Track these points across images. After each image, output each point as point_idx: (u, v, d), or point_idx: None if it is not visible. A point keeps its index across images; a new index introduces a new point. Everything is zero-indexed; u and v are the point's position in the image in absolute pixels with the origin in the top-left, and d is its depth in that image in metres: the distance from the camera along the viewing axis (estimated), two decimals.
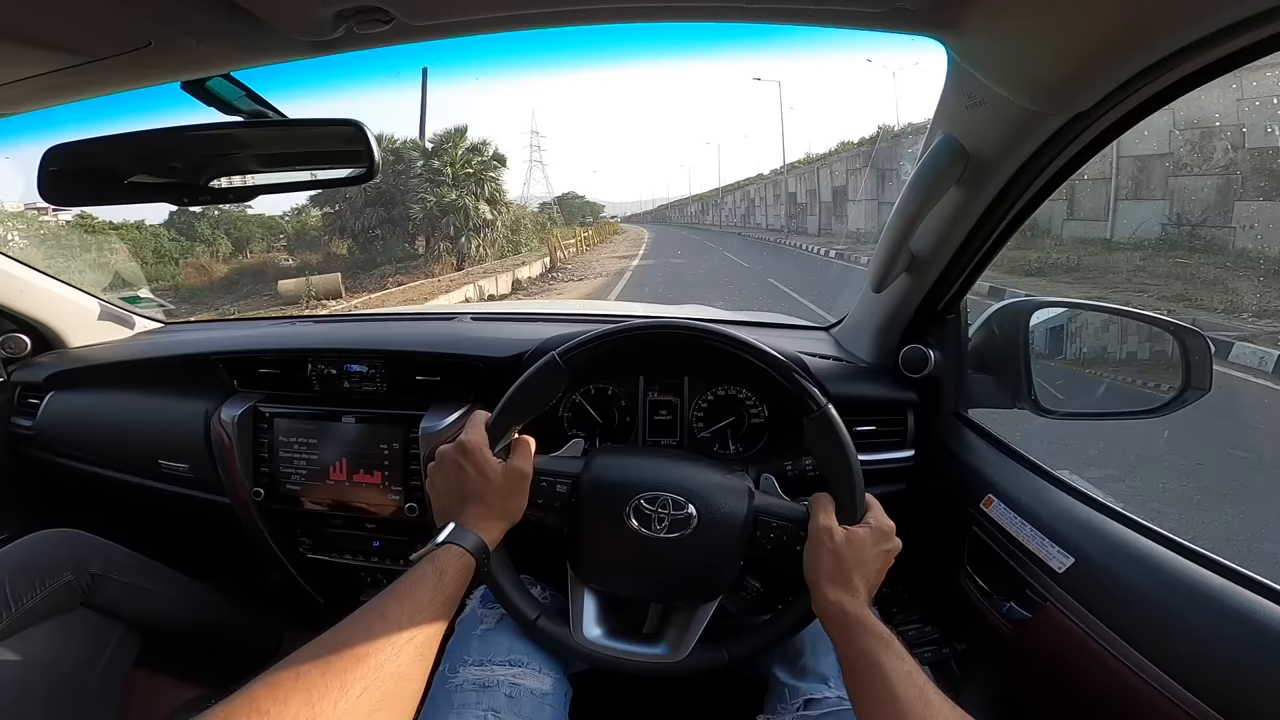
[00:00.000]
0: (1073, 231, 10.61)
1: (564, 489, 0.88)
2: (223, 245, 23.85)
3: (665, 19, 0.71)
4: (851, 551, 0.80)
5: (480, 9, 0.66)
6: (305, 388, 1.36)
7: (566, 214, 52.98)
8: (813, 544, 0.82)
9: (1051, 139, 0.76)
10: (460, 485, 0.82)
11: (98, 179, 0.90)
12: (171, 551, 1.40)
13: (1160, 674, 0.71)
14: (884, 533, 0.83)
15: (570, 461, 0.92)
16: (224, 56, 0.72)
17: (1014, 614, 0.93)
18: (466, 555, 0.75)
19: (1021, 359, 1.11)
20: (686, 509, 0.85)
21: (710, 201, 63.94)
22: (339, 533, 1.37)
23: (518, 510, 0.84)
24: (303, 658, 0.59)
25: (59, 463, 1.54)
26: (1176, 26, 0.55)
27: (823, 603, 0.78)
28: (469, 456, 0.82)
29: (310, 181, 0.99)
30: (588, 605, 0.89)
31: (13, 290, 1.52)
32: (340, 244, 22.35)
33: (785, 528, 0.86)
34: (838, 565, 0.79)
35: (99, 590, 1.16)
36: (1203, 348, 1.01)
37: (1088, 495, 0.93)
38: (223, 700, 0.52)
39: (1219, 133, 8.57)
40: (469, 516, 0.80)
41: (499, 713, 0.81)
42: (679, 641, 0.87)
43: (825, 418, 0.86)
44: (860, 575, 0.79)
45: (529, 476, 0.85)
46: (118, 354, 1.61)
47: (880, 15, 0.64)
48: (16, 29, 0.62)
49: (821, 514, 0.83)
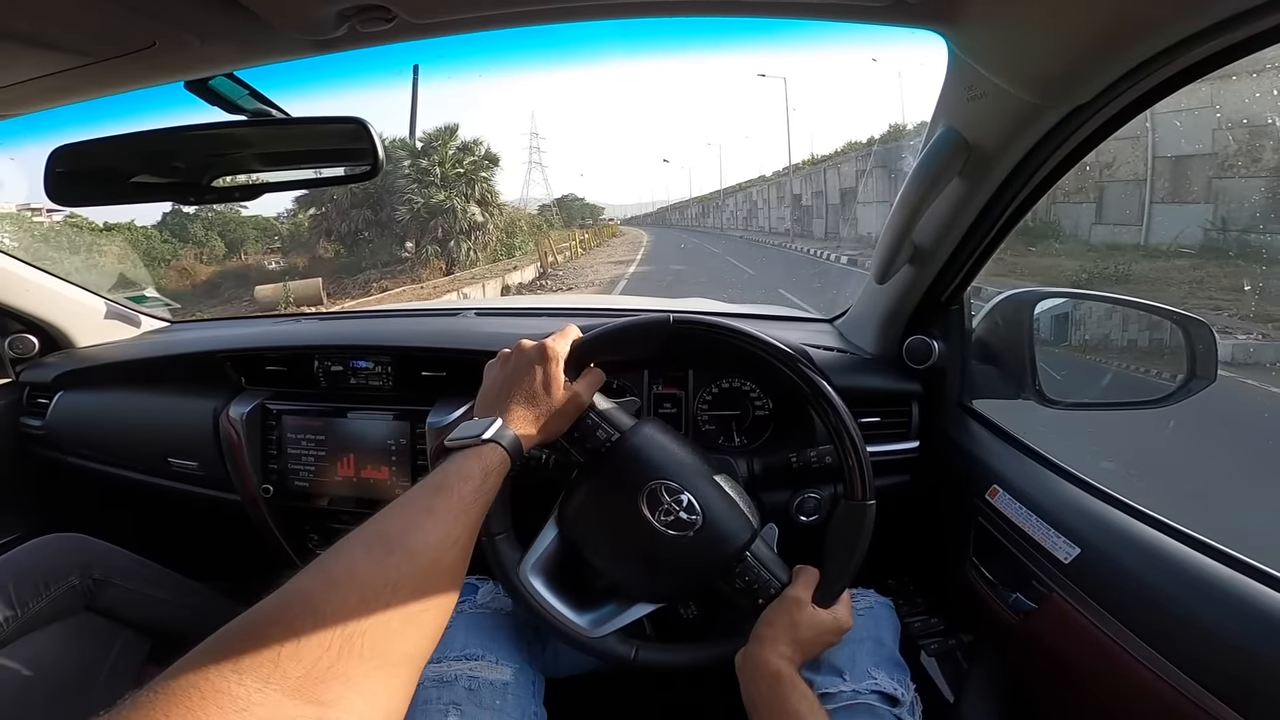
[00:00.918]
0: (1101, 236, 10.21)
1: (603, 436, 0.88)
2: (216, 247, 23.55)
3: (668, 14, 0.71)
4: (807, 627, 0.82)
5: (482, 6, 0.66)
6: (312, 384, 1.37)
7: (566, 216, 52.62)
8: (779, 606, 0.84)
9: (1052, 131, 0.76)
10: (522, 384, 0.81)
11: (103, 179, 0.91)
12: (179, 551, 1.41)
13: (1167, 664, 0.71)
14: (842, 629, 0.85)
15: (624, 416, 0.92)
16: (227, 56, 0.72)
17: (1019, 604, 0.94)
18: (507, 458, 0.73)
19: (1026, 349, 1.11)
20: (695, 516, 0.86)
21: (712, 204, 63.60)
22: (347, 529, 1.37)
23: (557, 432, 0.84)
24: (353, 550, 0.57)
25: (69, 462, 1.55)
26: (1177, 18, 0.55)
27: (759, 657, 0.80)
28: (546, 362, 0.82)
29: (314, 180, 1.00)
30: (545, 546, 0.89)
31: (20, 290, 1.53)
32: (328, 246, 21.91)
33: (763, 579, 0.87)
34: (792, 633, 0.81)
35: (103, 595, 1.17)
36: (1207, 337, 1.00)
37: (1094, 485, 0.93)
38: (274, 592, 0.50)
39: (1271, 131, 8.03)
40: (516, 417, 0.78)
41: (460, 705, 0.81)
42: (602, 621, 0.88)
43: (863, 510, 0.86)
44: (802, 648, 0.82)
45: (585, 407, 0.86)
46: (125, 353, 1.62)
47: (881, 9, 0.64)
48: (20, 31, 0.62)
49: (801, 585, 0.85)
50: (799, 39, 23.11)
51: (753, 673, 0.80)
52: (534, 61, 67.13)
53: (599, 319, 1.03)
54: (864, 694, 0.84)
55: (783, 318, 1.62)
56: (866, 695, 0.84)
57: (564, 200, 63.63)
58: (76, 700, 1.04)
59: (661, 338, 0.91)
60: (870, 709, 0.83)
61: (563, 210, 55.72)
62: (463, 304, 1.73)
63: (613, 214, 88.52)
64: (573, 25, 0.73)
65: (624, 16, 0.72)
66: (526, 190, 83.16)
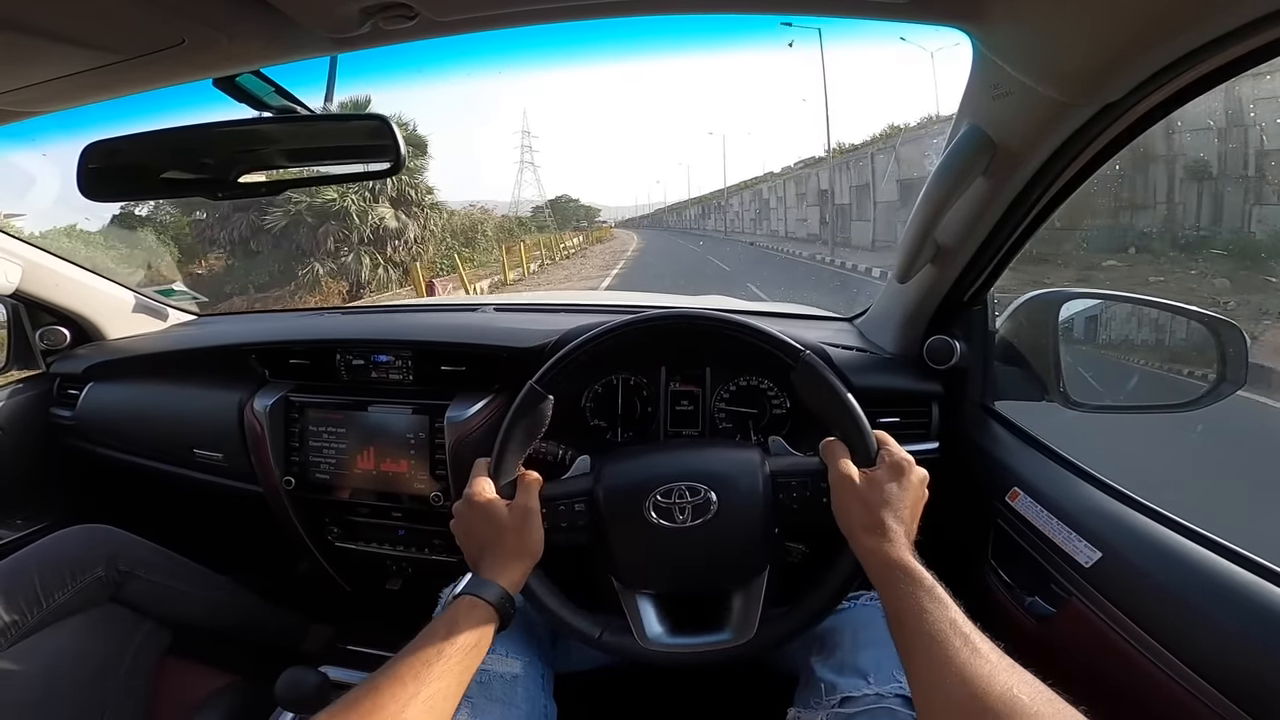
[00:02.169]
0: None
1: (581, 507, 0.88)
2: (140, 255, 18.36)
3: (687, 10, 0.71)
4: (876, 494, 0.77)
5: (504, 3, 0.66)
6: (334, 378, 1.39)
7: (561, 218, 51.25)
8: (836, 494, 0.80)
9: (1080, 130, 0.75)
10: (476, 534, 0.83)
11: (135, 175, 0.93)
12: (202, 543, 1.43)
13: (1187, 670, 0.70)
14: (901, 468, 0.80)
15: (580, 480, 0.91)
16: (254, 53, 0.74)
17: (1038, 608, 0.93)
18: (481, 603, 0.75)
19: (1051, 351, 1.09)
20: (703, 493, 0.85)
21: (712, 204, 58.64)
22: (366, 521, 1.40)
23: (536, 543, 0.83)
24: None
25: (97, 452, 1.58)
26: (1210, 17, 0.53)
27: (861, 551, 0.76)
28: (474, 506, 0.83)
29: (336, 175, 1.01)
30: (643, 608, 0.88)
31: (52, 284, 1.57)
32: (211, 261, 17.91)
33: (806, 483, 0.85)
34: (866, 511, 0.77)
35: (127, 587, 1.18)
36: (1238, 340, 0.98)
37: (1116, 488, 0.92)
38: None
39: None
40: (485, 564, 0.80)
41: (471, 698, 0.82)
42: (742, 623, 0.86)
43: (808, 365, 0.86)
44: (892, 516, 0.76)
45: (537, 511, 0.84)
46: (154, 345, 1.65)
47: (905, 5, 0.64)
48: (53, 29, 0.64)
49: (837, 462, 0.81)
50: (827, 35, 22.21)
51: (867, 569, 0.75)
52: (533, 62, 66.65)
53: (613, 314, 1.04)
54: (887, 697, 0.82)
55: (801, 316, 1.62)
56: (890, 699, 0.82)
57: (558, 202, 62.48)
58: (97, 691, 1.06)
59: (548, 401, 0.89)
60: (892, 713, 0.82)
61: (557, 212, 54.49)
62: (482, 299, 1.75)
63: (609, 216, 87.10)
64: (579, 22, 0.73)
65: (644, 14, 0.72)
66: (518, 192, 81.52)
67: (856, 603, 0.96)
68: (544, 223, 38.86)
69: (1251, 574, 0.71)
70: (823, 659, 0.90)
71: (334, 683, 0.96)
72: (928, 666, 0.63)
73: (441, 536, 1.34)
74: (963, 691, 0.58)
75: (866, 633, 0.90)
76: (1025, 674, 0.59)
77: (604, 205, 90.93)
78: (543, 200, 63.77)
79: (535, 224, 37.29)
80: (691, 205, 76.14)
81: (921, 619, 0.65)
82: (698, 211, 67.28)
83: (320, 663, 1.05)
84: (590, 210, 67.88)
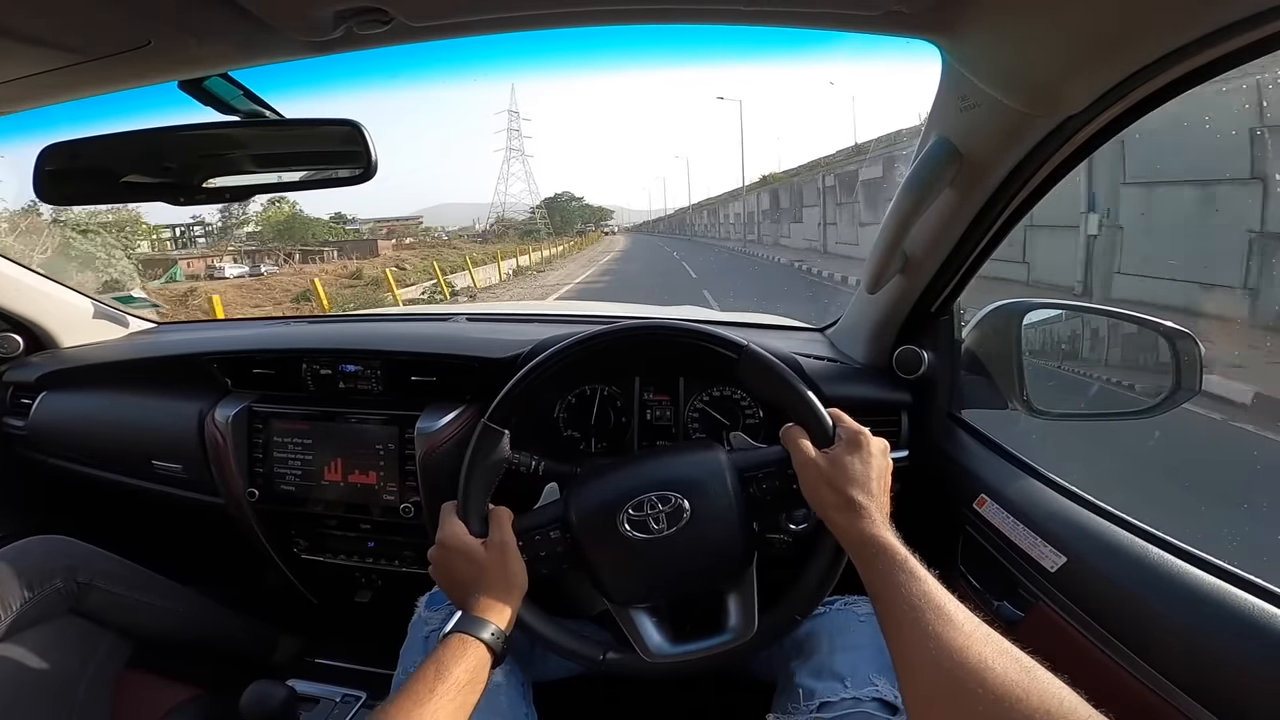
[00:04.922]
0: None
1: (556, 534, 0.87)
2: None
3: (665, 20, 0.71)
4: (840, 473, 0.78)
5: (481, 9, 0.66)
6: (300, 388, 1.36)
7: (560, 219, 45.60)
8: (803, 479, 0.81)
9: (1044, 141, 0.77)
10: (458, 578, 0.83)
11: (94, 178, 0.90)
12: (164, 554, 1.39)
13: (1152, 672, 0.72)
14: (859, 441, 0.80)
15: (551, 508, 0.91)
16: (223, 56, 0.72)
17: (1006, 613, 0.94)
18: (470, 640, 0.74)
19: (1014, 360, 1.11)
20: (674, 500, 0.85)
21: (717, 210, 53.75)
22: (334, 533, 1.37)
23: (519, 575, 0.83)
24: None
25: (51, 463, 1.53)
26: (1168, 29, 0.56)
27: (836, 530, 0.77)
28: (450, 550, 0.83)
29: (306, 181, 0.99)
30: (640, 623, 0.88)
31: (5, 289, 1.52)
32: None
33: (773, 473, 0.86)
34: (834, 491, 0.77)
35: (87, 599, 1.16)
36: (1192, 349, 1.01)
37: (1080, 495, 0.94)
38: None
39: None
40: (474, 604, 0.79)
41: None
42: (743, 620, 0.87)
43: (751, 356, 0.87)
44: (860, 492, 0.76)
45: (513, 544, 0.84)
46: (111, 354, 1.60)
47: (876, 18, 0.65)
48: (14, 27, 0.62)
49: (798, 446, 0.81)
50: (800, 48, 21.88)
51: (846, 547, 0.76)
52: (530, 64, 65.90)
53: (587, 325, 1.04)
54: (865, 701, 0.83)
55: (772, 326, 1.63)
56: (867, 703, 0.83)
57: (556, 200, 56.15)
58: (57, 705, 1.03)
59: (503, 436, 0.89)
60: (869, 717, 0.82)
61: (554, 213, 48.76)
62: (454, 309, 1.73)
63: (622, 219, 79.89)
64: (578, 30, 0.73)
65: (621, 23, 0.72)
66: (504, 187, 71.81)
67: (832, 607, 0.97)
68: (533, 227, 34.25)
69: (1214, 577, 0.73)
70: (800, 664, 0.91)
71: (301, 696, 0.94)
72: (903, 641, 0.64)
73: (412, 548, 1.32)
74: (937, 663, 0.59)
75: (844, 637, 0.91)
76: (1002, 642, 0.60)
77: (617, 206, 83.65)
78: (535, 197, 56.22)
79: (526, 228, 33.16)
80: (704, 209, 67.75)
81: (897, 593, 0.66)
82: (707, 219, 60.29)
83: (287, 676, 1.02)
84: (600, 211, 61.58)
